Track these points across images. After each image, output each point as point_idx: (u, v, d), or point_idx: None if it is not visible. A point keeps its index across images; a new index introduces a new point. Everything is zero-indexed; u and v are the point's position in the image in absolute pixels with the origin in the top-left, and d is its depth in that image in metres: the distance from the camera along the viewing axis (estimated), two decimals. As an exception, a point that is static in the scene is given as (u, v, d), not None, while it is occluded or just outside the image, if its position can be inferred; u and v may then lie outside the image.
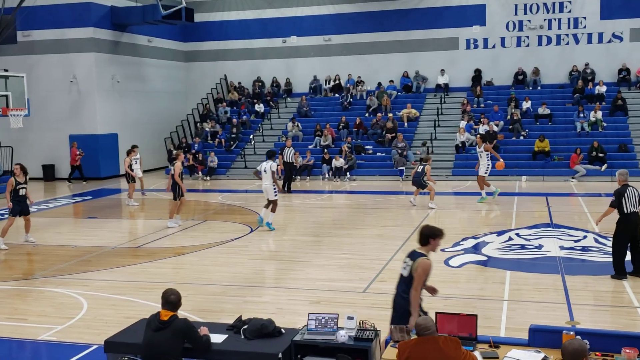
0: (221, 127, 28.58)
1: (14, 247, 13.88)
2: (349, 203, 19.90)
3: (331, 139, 26.19)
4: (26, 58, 25.62)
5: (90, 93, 26.13)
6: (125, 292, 10.14)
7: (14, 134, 23.54)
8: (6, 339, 7.98)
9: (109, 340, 6.20)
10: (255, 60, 31.05)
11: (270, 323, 6.17)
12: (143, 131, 28.26)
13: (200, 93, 30.94)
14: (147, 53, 29.02)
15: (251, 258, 12.41)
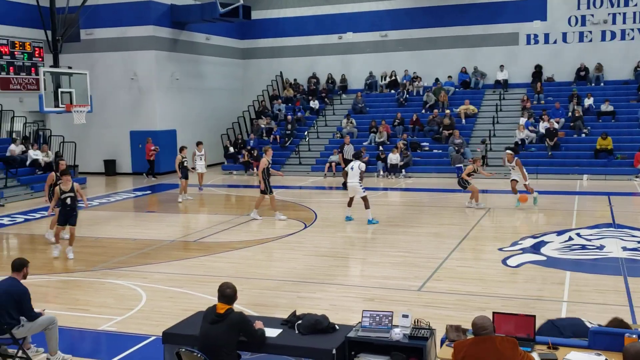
0: (276, 124, 28.78)
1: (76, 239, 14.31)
2: (404, 201, 19.73)
3: (386, 135, 26.03)
4: (89, 56, 26.37)
5: (150, 90, 26.71)
6: (183, 284, 10.32)
7: (77, 129, 24.27)
8: (68, 329, 8.21)
9: (167, 332, 6.32)
10: (310, 57, 31.13)
11: (324, 319, 6.17)
12: (200, 127, 28.72)
13: (256, 90, 31.25)
14: (205, 50, 29.47)
15: (305, 254, 12.44)
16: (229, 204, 20.45)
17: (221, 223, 15.67)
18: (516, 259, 11.47)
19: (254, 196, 20.24)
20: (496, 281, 10.18)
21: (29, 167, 22.11)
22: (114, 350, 7.65)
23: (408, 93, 28.79)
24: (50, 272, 11.41)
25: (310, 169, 25.82)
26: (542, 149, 24.19)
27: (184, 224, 16.48)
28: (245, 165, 26.41)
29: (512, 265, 11.09)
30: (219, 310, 5.77)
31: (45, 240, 14.07)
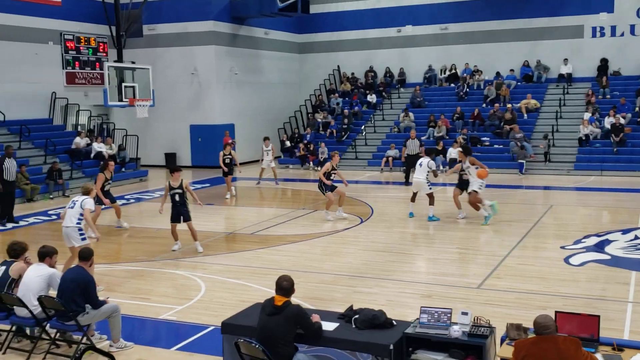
0: (333, 118, 28.78)
1: (137, 230, 14.68)
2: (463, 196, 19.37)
3: (445, 130, 25.68)
4: (151, 51, 26.96)
5: (210, 85, 27.12)
6: (240, 276, 10.44)
7: (139, 123, 24.86)
8: (130, 317, 8.42)
9: (226, 322, 6.40)
10: (368, 51, 30.97)
11: (381, 314, 6.14)
12: (258, 122, 28.99)
13: (314, 84, 31.31)
14: (263, 45, 29.71)
15: (361, 249, 12.40)
16: (285, 198, 20.58)
17: (277, 216, 15.78)
18: (579, 258, 11.13)
19: (310, 190, 20.33)
20: (558, 280, 9.90)
21: (93, 159, 22.78)
22: (174, 339, 7.81)
23: (468, 87, 28.32)
24: (113, 261, 11.73)
25: (367, 164, 25.71)
26: (607, 145, 23.39)
27: (241, 216, 16.65)
28: (301, 159, 26.51)
29: (575, 264, 10.77)
30: (277, 303, 5.81)
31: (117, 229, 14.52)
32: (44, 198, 19.38)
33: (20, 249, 7.85)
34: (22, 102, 22.70)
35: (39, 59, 23.49)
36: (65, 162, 21.71)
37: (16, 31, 22.63)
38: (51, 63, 24.14)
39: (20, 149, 21.32)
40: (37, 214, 17.06)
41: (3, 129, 21.72)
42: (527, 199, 17.61)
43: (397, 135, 26.61)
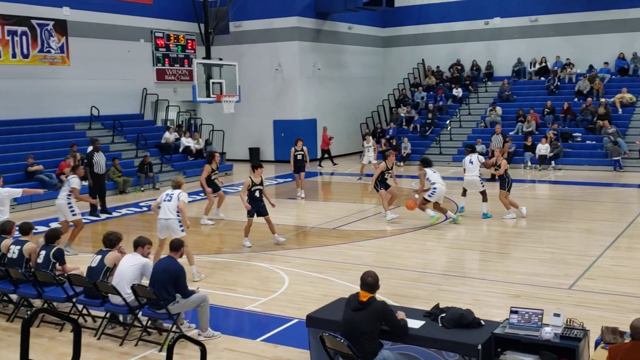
0: (417, 113, 28.40)
1: (222, 222, 15.00)
2: (553, 194, 18.75)
3: (535, 125, 24.84)
4: (237, 47, 27.46)
5: (293, 80, 27.36)
6: (322, 270, 10.47)
7: (225, 118, 25.42)
8: (217, 307, 8.60)
9: (311, 316, 6.43)
10: (454, 44, 30.34)
11: (469, 313, 5.99)
12: (340, 116, 29.01)
13: (397, 78, 31.00)
14: (346, 40, 29.68)
15: (446, 246, 12.18)
16: (367, 193, 20.48)
17: (359, 212, 15.74)
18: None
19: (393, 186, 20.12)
20: (656, 283, 9.37)
21: (181, 153, 23.48)
22: (259, 330, 7.91)
23: (559, 80, 27.26)
24: (201, 252, 12.03)
25: (452, 159, 25.22)
26: None
27: (323, 211, 16.71)
28: (383, 155, 26.31)
29: (677, 267, 10.17)
30: (362, 298, 5.77)
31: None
32: (135, 190, 20.14)
33: (115, 239, 8.17)
34: (115, 98, 23.67)
35: (131, 56, 24.42)
36: (155, 156, 22.47)
37: (110, 29, 23.61)
38: (142, 60, 25.04)
39: (113, 143, 22.25)
40: (128, 205, 17.75)
41: (97, 124, 22.72)
42: (621, 198, 16.79)
43: (484, 130, 25.96)
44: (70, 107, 22.19)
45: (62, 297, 8.07)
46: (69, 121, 22.12)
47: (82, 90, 22.45)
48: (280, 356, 7.08)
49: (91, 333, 7.76)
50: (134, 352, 7.31)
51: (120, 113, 23.52)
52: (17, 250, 8.60)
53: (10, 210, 16.21)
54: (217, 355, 7.09)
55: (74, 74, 22.32)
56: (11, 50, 20.50)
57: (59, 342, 7.67)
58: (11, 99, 20.41)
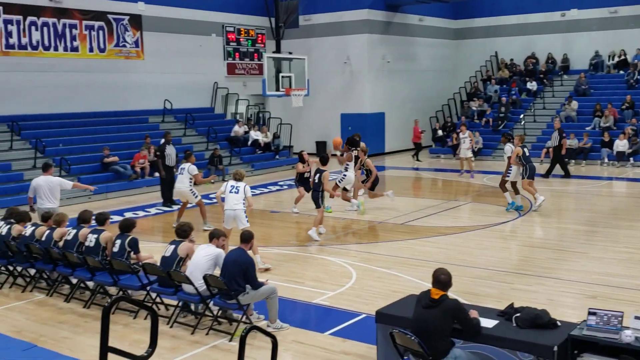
0: (489, 106, 27.76)
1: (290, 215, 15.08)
2: (632, 192, 17.98)
3: (613, 120, 23.86)
4: (306, 41, 27.53)
5: (361, 73, 27.22)
6: (391, 266, 10.37)
7: (293, 112, 25.55)
8: (285, 299, 8.64)
9: (380, 312, 6.35)
10: (529, 36, 29.45)
11: (544, 314, 5.79)
12: (409, 110, 28.70)
13: (469, 71, 30.36)
14: (417, 32, 29.29)
15: (519, 244, 11.85)
16: (436, 188, 20.20)
17: (429, 207, 15.51)
18: None
19: (462, 181, 19.77)
20: None
21: (250, 146, 23.77)
22: (327, 324, 7.90)
23: (639, 74, 26.08)
24: (268, 244, 12.13)
25: (524, 155, 24.53)
26: None
27: (391, 206, 16.55)
28: (453, 149, 25.89)
29: None
30: (434, 296, 5.65)
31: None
32: (205, 182, 20.49)
33: (187, 230, 8.33)
34: (187, 92, 24.18)
35: (203, 51, 24.88)
36: (225, 149, 22.84)
37: (183, 24, 24.11)
38: (214, 54, 25.47)
39: (185, 136, 22.74)
40: (199, 196, 18.06)
41: (170, 117, 23.28)
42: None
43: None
44: (144, 101, 22.81)
45: (136, 285, 8.29)
46: (143, 114, 22.75)
47: (156, 84, 23.04)
48: (348, 350, 7.05)
49: (164, 321, 7.93)
50: (205, 340, 7.43)
51: (192, 106, 24.03)
52: (94, 239, 8.89)
53: (86, 201, 16.94)
54: (285, 347, 7.12)
55: (148, 68, 22.92)
56: (88, 45, 21.24)
57: (133, 329, 7.88)
58: (88, 92, 21.16)
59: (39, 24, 19.88)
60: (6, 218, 10.34)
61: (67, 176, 17.92)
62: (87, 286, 9.13)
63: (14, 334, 7.53)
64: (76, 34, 20.83)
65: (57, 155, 18.44)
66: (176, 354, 7.06)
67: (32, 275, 9.68)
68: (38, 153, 18.24)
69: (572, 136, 23.27)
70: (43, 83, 19.96)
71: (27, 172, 17.16)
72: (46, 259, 9.20)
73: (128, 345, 7.19)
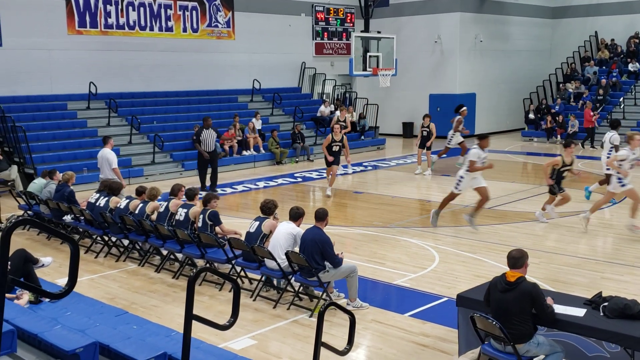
0: (587, 88, 26.53)
1: (374, 197, 15.06)
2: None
3: None
4: (396, 20, 27.18)
5: (452, 53, 26.63)
6: (476, 250, 10.18)
7: (380, 92, 25.37)
8: (365, 279, 8.67)
9: (462, 295, 6.27)
10: (633, 15, 27.80)
11: (634, 304, 5.53)
12: (501, 91, 27.88)
13: (566, 52, 29.08)
14: (512, 11, 28.30)
15: (612, 232, 11.34)
16: (527, 173, 19.60)
17: (518, 192, 15.09)
18: None
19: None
20: None
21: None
22: (407, 305, 7.87)
23: None
24: (350, 224, 12.17)
25: (624, 139, 23.28)
26: None
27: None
28: (547, 132, 24.98)
29: None
30: (510, 279, 5.53)
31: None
32: (291, 162, 20.80)
33: (272, 207, 8.48)
34: (276, 72, 24.47)
35: (292, 30, 25.05)
36: (311, 129, 22.99)
37: (273, 4, 24.34)
38: (302, 34, 25.61)
39: (272, 115, 23.08)
40: (284, 175, 18.38)
41: (258, 96, 23.66)
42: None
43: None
44: (234, 80, 23.28)
45: (222, 259, 8.54)
46: (232, 93, 23.24)
47: (246, 64, 23.45)
48: (428, 332, 7.00)
49: (247, 294, 8.15)
50: (286, 315, 7.57)
51: (279, 86, 24.30)
52: (184, 213, 9.22)
53: (178, 177, 17.54)
54: (364, 326, 7.16)
55: (239, 48, 23.35)
56: (182, 25, 21.85)
57: (218, 300, 8.14)
58: (181, 71, 21.80)
59: (136, 4, 20.61)
60: (100, 191, 10.90)
61: (159, 153, 18.66)
62: (176, 258, 9.50)
63: (108, 300, 7.94)
64: (170, 14, 21.46)
65: (151, 132, 19.16)
66: (258, 327, 7.24)
67: (126, 245, 10.17)
68: (133, 130, 19.02)
69: None
70: (139, 62, 20.74)
71: (123, 148, 17.94)
72: (139, 230, 9.63)
73: (212, 316, 7.44)
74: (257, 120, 21.25)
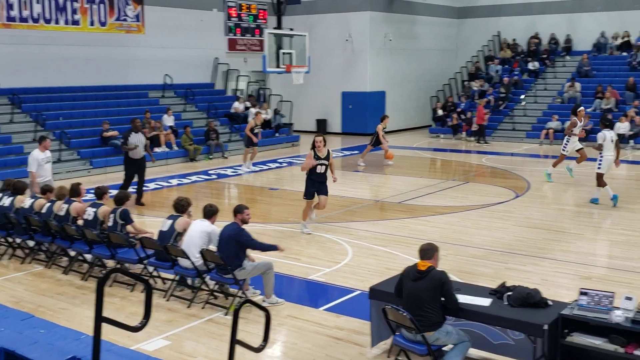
0: (491, 86, 27.68)
1: (288, 193, 15.14)
2: (631, 174, 17.99)
3: (614, 102, 23.81)
4: (308, 18, 27.34)
5: (363, 51, 27.09)
6: (387, 244, 10.44)
7: (294, 89, 25.46)
8: (282, 275, 8.72)
9: (374, 288, 6.43)
10: (532, 16, 29.24)
11: (536, 293, 5.86)
12: (410, 89, 28.62)
13: (471, 51, 30.21)
14: (420, 10, 29.09)
15: (515, 224, 11.90)
16: (435, 168, 20.24)
17: (426, 187, 15.56)
18: None
19: (461, 161, 19.81)
20: None
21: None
22: (322, 300, 8.00)
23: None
24: (266, 221, 12.20)
25: (525, 136, 24.56)
26: None
27: (389, 185, 16.62)
28: (453, 129, 25.87)
29: None
30: (421, 268, 5.77)
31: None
32: (205, 158, 20.56)
33: (185, 205, 8.37)
34: (188, 67, 24.08)
35: (204, 26, 24.73)
36: (225, 125, 22.81)
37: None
38: (215, 29, 25.33)
39: (185, 112, 22.73)
40: (198, 172, 18.15)
41: (170, 92, 23.23)
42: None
43: (560, 105, 25.10)
44: (144, 75, 22.74)
45: (134, 259, 8.36)
46: (143, 89, 22.70)
47: (156, 59, 22.95)
48: (342, 326, 7.14)
49: (160, 294, 8.02)
50: (201, 314, 7.51)
51: (192, 82, 23.95)
52: (93, 212, 8.95)
53: (86, 175, 17.00)
54: (280, 322, 7.21)
55: (149, 43, 22.81)
56: (89, 18, 21.12)
57: (130, 301, 7.97)
58: (89, 66, 21.08)
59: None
60: (4, 190, 10.41)
61: (66, 150, 17.99)
62: (85, 259, 9.22)
63: (13, 304, 7.61)
64: (77, 7, 20.69)
65: (57, 128, 18.44)
66: (172, 327, 7.15)
67: (31, 247, 9.77)
68: (38, 126, 18.24)
69: (555, 118, 23.34)
70: (44, 56, 19.88)
71: (27, 145, 17.18)
72: (45, 231, 9.27)
73: (125, 318, 7.29)
74: (169, 116, 20.89)
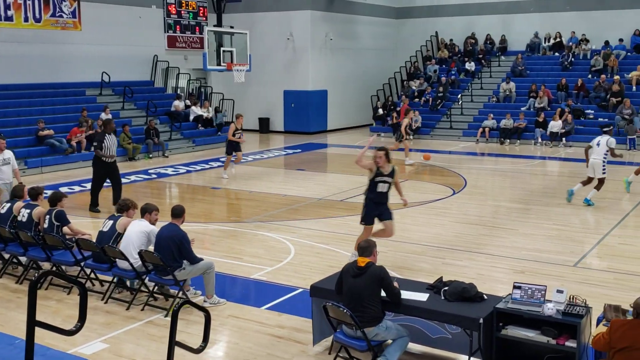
0: (429, 86, 28.19)
1: (231, 192, 15.07)
2: (563, 171, 18.67)
3: (547, 101, 24.63)
4: (249, 16, 27.20)
5: (304, 50, 27.14)
6: (329, 242, 10.53)
7: (235, 87, 25.33)
8: (223, 275, 8.69)
9: (315, 286, 6.49)
10: (469, 17, 29.93)
11: (472, 287, 6.03)
12: (351, 88, 28.83)
13: (410, 51, 30.68)
14: (359, 10, 29.34)
15: (452, 221, 12.18)
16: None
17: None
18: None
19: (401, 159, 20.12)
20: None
21: (192, 122, 23.47)
22: (264, 299, 8.00)
23: (574, 56, 26.93)
24: (208, 220, 12.11)
25: (462, 134, 25.14)
26: None
27: (331, 183, 16.73)
28: (393, 128, 26.20)
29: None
30: (360, 264, 5.87)
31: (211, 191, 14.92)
32: (144, 157, 20.22)
33: (126, 205, 8.22)
34: (126, 64, 23.59)
35: (142, 22, 24.27)
36: (165, 124, 22.48)
37: (122, -5, 23.46)
38: (154, 26, 24.91)
39: (124, 110, 22.28)
40: (137, 172, 17.84)
41: (108, 90, 22.72)
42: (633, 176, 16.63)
43: (496, 105, 25.82)
44: (81, 73, 22.17)
45: (70, 261, 8.17)
46: (80, 86, 22.12)
47: (93, 56, 22.39)
48: (284, 324, 7.17)
49: (98, 297, 7.87)
50: (140, 316, 7.41)
51: (130, 79, 23.49)
52: (27, 213, 8.70)
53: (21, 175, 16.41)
54: (221, 322, 7.18)
55: (86, 39, 22.25)
56: (23, 14, 20.44)
57: (66, 304, 7.79)
58: (23, 63, 20.42)
59: (-32, -10, 19.02)
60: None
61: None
62: (19, 262, 8.95)
63: (-59, 311, 7.34)
64: (10, 3, 19.98)
65: (-12, 128, 17.79)
66: (110, 330, 7.02)
67: (-39, 251, 9.41)
68: (-32, 125, 17.56)
69: (508, 116, 23.97)
70: (-27, 52, 19.15)
71: (-45, 145, 16.48)
72: (-24, 234, 8.95)
73: (61, 321, 7.13)
74: (106, 114, 20.43)
